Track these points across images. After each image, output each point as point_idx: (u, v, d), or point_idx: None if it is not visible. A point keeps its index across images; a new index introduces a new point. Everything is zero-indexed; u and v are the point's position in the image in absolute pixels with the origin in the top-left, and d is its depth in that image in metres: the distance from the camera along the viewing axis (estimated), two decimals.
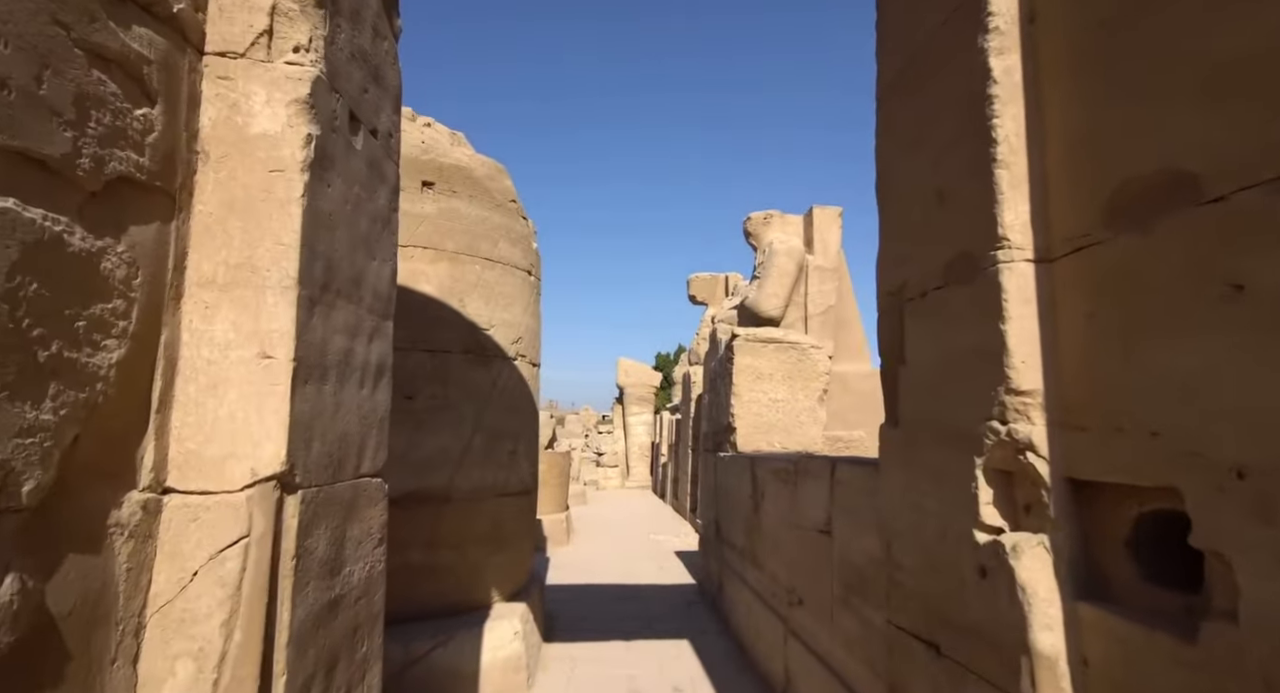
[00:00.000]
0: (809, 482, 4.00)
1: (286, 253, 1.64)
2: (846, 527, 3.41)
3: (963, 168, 1.87)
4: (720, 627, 5.97)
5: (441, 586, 4.68)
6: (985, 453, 1.77)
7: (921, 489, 2.07)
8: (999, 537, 1.74)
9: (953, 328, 1.92)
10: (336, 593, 1.87)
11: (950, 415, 1.92)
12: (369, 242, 2.08)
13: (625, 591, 7.14)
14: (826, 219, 8.43)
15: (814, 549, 3.89)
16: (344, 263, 1.90)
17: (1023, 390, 1.67)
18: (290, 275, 1.63)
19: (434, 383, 4.77)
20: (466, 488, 4.84)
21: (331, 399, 1.83)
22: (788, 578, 4.40)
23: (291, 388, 1.62)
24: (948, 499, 1.93)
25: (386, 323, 2.23)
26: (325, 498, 1.79)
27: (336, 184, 1.85)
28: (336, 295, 1.85)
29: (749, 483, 5.43)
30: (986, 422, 1.75)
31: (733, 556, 6.04)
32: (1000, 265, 1.71)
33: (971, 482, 1.81)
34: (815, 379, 6.13)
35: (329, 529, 1.82)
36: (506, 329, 5.20)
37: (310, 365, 1.71)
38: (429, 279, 4.83)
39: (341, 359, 1.89)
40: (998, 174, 1.72)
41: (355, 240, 1.98)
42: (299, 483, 1.66)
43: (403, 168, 5.00)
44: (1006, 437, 1.70)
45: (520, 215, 5.51)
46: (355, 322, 1.98)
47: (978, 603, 1.78)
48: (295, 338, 1.63)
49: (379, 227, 2.17)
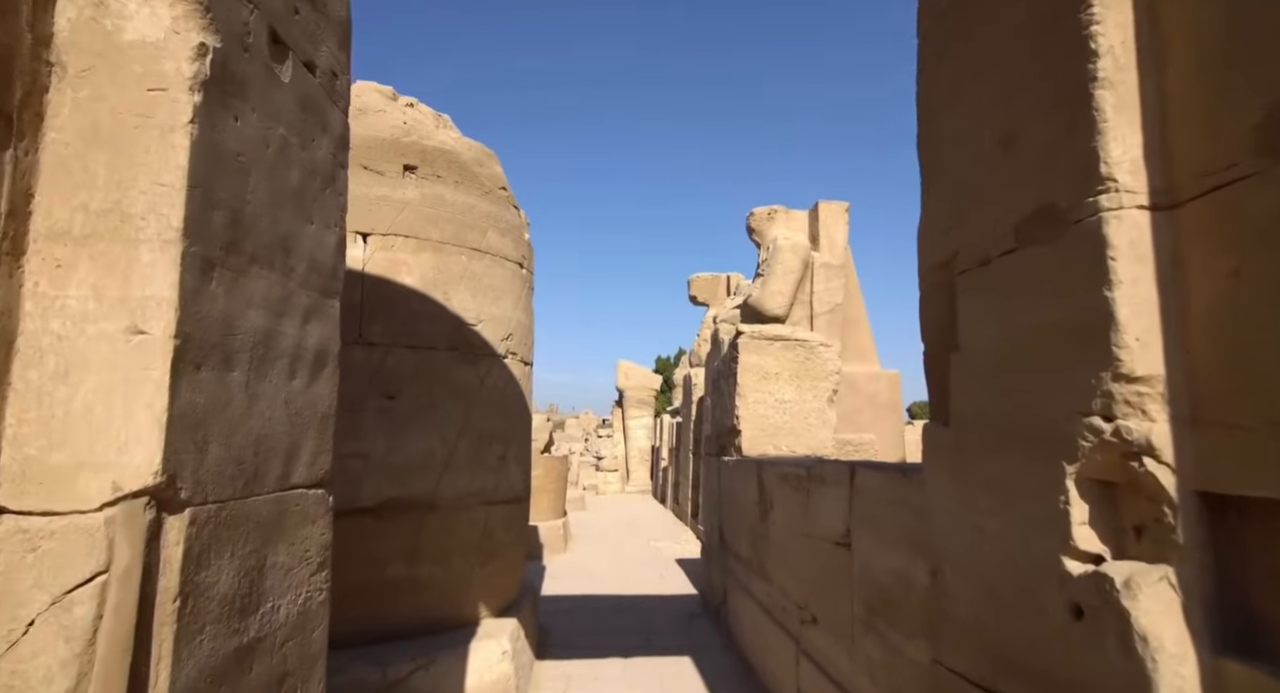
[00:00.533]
0: (824, 489, 3.58)
1: (169, 196, 1.22)
2: (869, 540, 2.99)
3: (1042, 99, 1.46)
4: (724, 642, 5.54)
5: (424, 601, 4.25)
6: (1079, 459, 1.35)
7: (982, 503, 1.65)
8: (1100, 567, 1.32)
9: (1028, 301, 1.50)
10: (251, 637, 1.45)
11: (1025, 412, 1.50)
12: (303, 200, 1.67)
13: (624, 602, 6.70)
14: (833, 214, 8.03)
15: (830, 563, 3.47)
16: (262, 221, 1.48)
17: (1136, 377, 1.25)
18: (173, 226, 1.22)
19: (417, 382, 4.35)
20: (452, 495, 4.41)
21: (241, 391, 1.41)
22: (799, 593, 3.97)
23: (173, 374, 1.20)
24: (1021, 517, 1.51)
25: (330, 302, 1.82)
26: (231, 517, 1.38)
27: (250, 119, 1.44)
28: (251, 261, 1.44)
29: (755, 489, 5.00)
30: (1082, 418, 1.34)
31: (738, 566, 5.61)
32: (1103, 215, 1.29)
33: (1059, 495, 1.39)
34: (824, 379, 5.71)
35: (237, 557, 1.40)
36: (496, 325, 4.78)
37: (206, 346, 1.29)
38: (411, 270, 4.41)
39: (259, 341, 1.48)
40: (1099, 97, 1.31)
41: (281, 195, 1.57)
42: (186, 499, 1.25)
43: (383, 150, 4.60)
44: (1112, 437, 1.28)
45: (511, 204, 5.10)
46: (281, 296, 1.56)
47: (1071, 653, 1.36)
48: (180, 308, 1.21)
49: (318, 184, 1.76)
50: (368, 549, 4.11)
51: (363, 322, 4.24)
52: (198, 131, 1.26)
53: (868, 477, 3.05)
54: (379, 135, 4.41)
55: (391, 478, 4.20)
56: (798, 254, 7.71)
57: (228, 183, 1.36)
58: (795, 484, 4.05)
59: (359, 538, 4.10)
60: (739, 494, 5.59)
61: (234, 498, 1.39)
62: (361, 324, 4.23)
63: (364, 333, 4.23)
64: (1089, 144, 1.32)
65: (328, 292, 1.80)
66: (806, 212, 8.26)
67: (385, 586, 4.14)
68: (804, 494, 3.88)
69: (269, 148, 1.51)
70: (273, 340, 1.53)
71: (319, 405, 1.75)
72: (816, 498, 3.69)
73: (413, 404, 4.31)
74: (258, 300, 1.47)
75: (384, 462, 4.19)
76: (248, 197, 1.43)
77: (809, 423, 5.68)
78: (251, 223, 1.44)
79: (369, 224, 4.34)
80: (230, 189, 1.37)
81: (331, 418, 1.83)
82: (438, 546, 4.33)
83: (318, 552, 1.76)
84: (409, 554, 4.23)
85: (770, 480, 4.64)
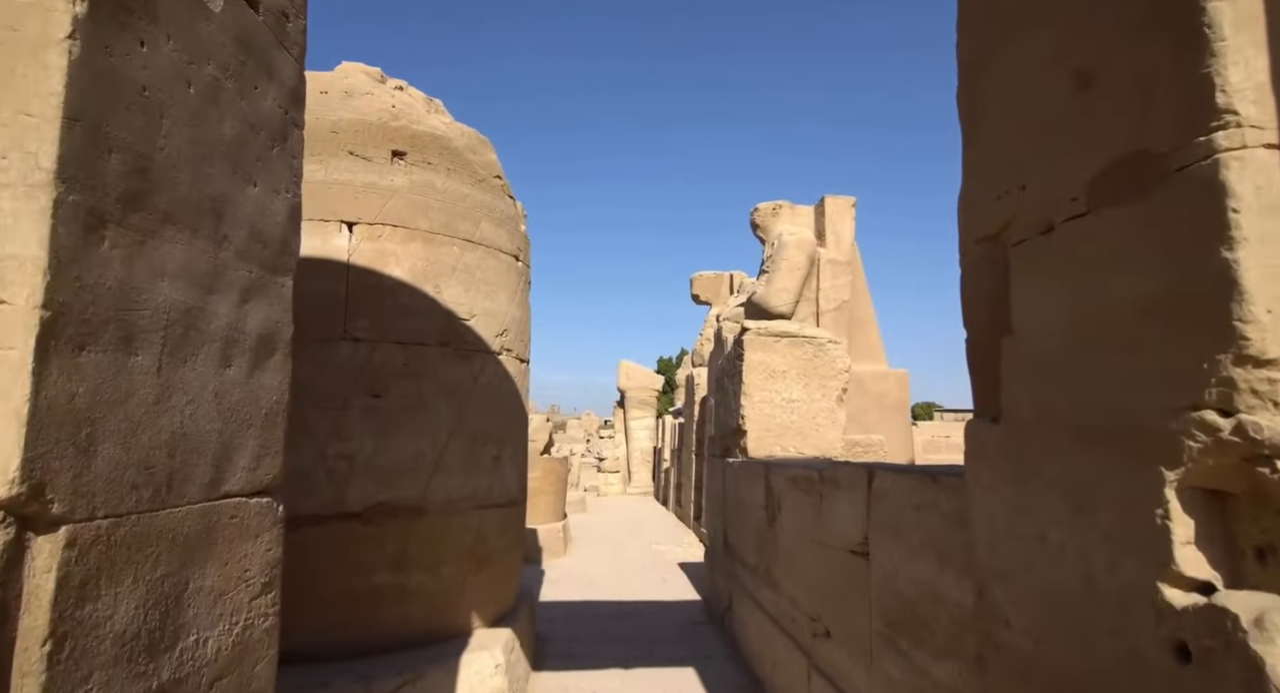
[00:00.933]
0: (838, 493, 3.30)
1: (38, 130, 0.95)
2: (890, 550, 2.72)
3: (1129, 23, 1.19)
4: (729, 652, 5.25)
5: (412, 611, 3.97)
6: (1184, 463, 1.07)
7: (1046, 513, 1.37)
8: (1213, 598, 1.04)
9: (1108, 271, 1.23)
10: (166, 679, 1.18)
11: (1104, 405, 1.23)
12: (241, 157, 1.40)
13: (625, 608, 6.41)
14: (839, 209, 7.76)
15: (845, 573, 3.19)
16: (182, 174, 1.21)
17: (1268, 360, 0.97)
18: (43, 168, 0.95)
19: (405, 379, 4.08)
20: (443, 499, 4.13)
21: (149, 380, 1.14)
22: (811, 604, 3.69)
23: (40, 355, 0.93)
24: (1100, 531, 1.23)
25: (279, 280, 1.55)
26: (132, 536, 1.10)
27: (164, 49, 1.17)
28: (164, 221, 1.17)
29: (762, 492, 4.72)
30: (1189, 413, 1.06)
31: (743, 572, 5.33)
32: (1220, 157, 1.02)
33: (1154, 508, 1.12)
34: (833, 377, 5.42)
35: (143, 584, 1.13)
36: (489, 320, 4.50)
37: (94, 322, 1.02)
38: (400, 261, 4.14)
39: (176, 320, 1.20)
40: (1213, 10, 1.03)
41: (210, 147, 1.30)
42: (62, 515, 0.97)
43: (370, 135, 4.33)
44: (1232, 435, 1.01)
45: (506, 193, 4.83)
46: (209, 268, 1.29)
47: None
48: (51, 272, 0.94)
49: (263, 141, 1.49)
50: (353, 556, 3.84)
51: (348, 316, 3.97)
52: (81, 51, 0.99)
53: (888, 480, 2.77)
54: (366, 119, 4.14)
55: (379, 481, 3.92)
56: (803, 250, 7.44)
57: (129, 122, 1.09)
58: (806, 488, 3.77)
59: (343, 544, 3.83)
60: (744, 497, 5.31)
61: (138, 511, 1.11)
62: (347, 318, 3.97)
63: (349, 328, 3.96)
64: (1199, 70, 1.04)
65: (277, 268, 1.53)
66: (812, 207, 7.99)
67: (371, 594, 3.86)
68: (816, 498, 3.60)
69: (192, 88, 1.24)
70: (197, 320, 1.26)
71: (263, 399, 1.48)
72: (830, 503, 3.41)
73: (401, 403, 4.04)
74: (175, 270, 1.19)
75: (371, 464, 3.92)
76: (160, 142, 1.15)
77: (817, 423, 5.40)
78: (165, 175, 1.17)
79: (355, 213, 4.07)
80: (133, 130, 1.09)
81: (282, 415, 1.56)
82: (427, 552, 4.05)
83: (262, 571, 1.48)
84: (396, 561, 3.95)
85: (778, 483, 4.36)
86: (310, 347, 3.93)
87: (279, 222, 1.53)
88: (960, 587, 2.22)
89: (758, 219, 8.12)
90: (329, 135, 4.08)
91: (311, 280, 3.98)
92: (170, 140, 1.18)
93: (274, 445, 1.52)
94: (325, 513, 3.80)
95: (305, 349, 4.01)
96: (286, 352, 1.56)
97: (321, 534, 3.78)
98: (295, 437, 3.90)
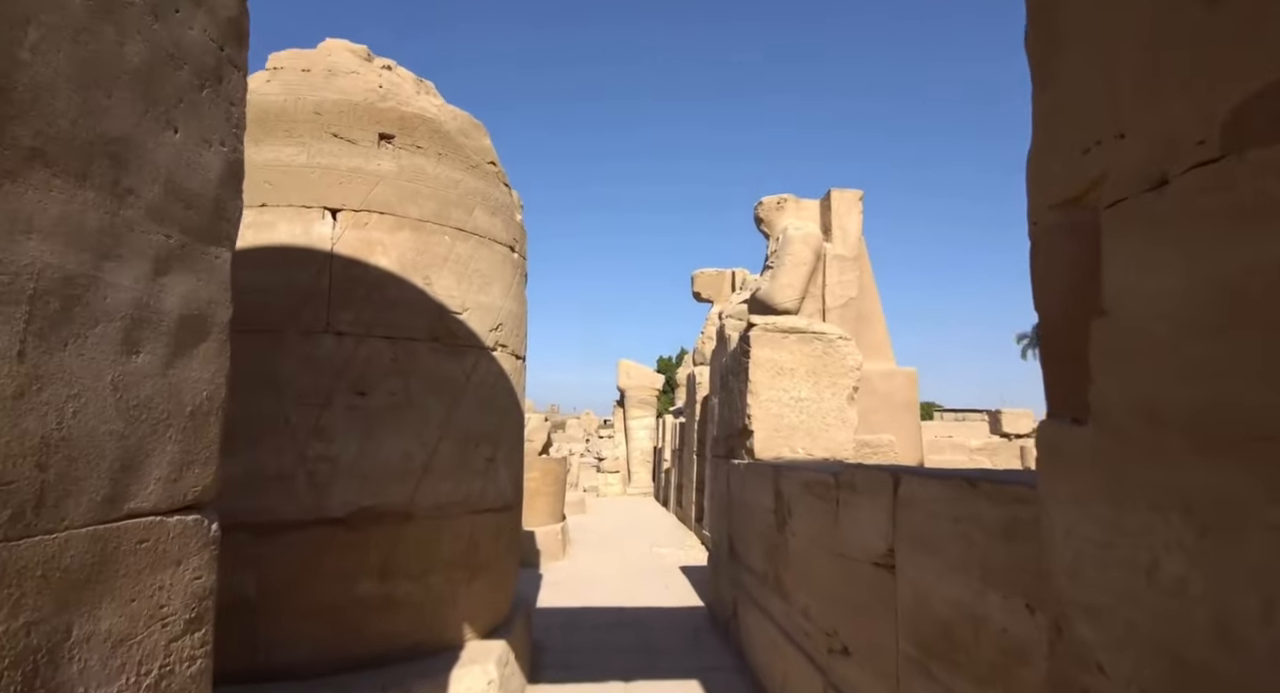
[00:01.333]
0: (858, 499, 3.02)
1: None
2: (921, 564, 2.43)
3: None
4: (735, 662, 4.97)
5: (398, 623, 3.69)
6: None
7: (1154, 538, 1.09)
8: None
9: (1248, 231, 0.95)
10: None
11: (1243, 402, 0.95)
12: (153, 92, 1.12)
13: (625, 615, 6.12)
14: (846, 203, 7.47)
15: (866, 587, 2.90)
16: (62, 103, 0.93)
17: None
18: None
19: (393, 376, 3.79)
20: (432, 503, 3.85)
21: (6, 368, 0.86)
22: (826, 618, 3.41)
23: None
24: (1243, 565, 0.95)
25: (212, 250, 1.26)
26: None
27: None
28: (29, 160, 0.88)
29: (771, 496, 4.44)
30: None
31: (750, 580, 5.04)
32: None
33: None
34: (844, 375, 5.13)
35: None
36: (483, 313, 4.22)
37: None
38: (387, 251, 3.85)
39: (51, 290, 0.92)
40: None
41: (102, 73, 1.01)
42: None
43: (355, 116, 4.03)
44: None
45: (501, 181, 4.54)
46: (106, 227, 1.01)
47: None
48: None
49: (188, 78, 1.21)
50: (335, 565, 3.55)
51: (331, 308, 3.68)
52: None
53: (918, 487, 2.49)
54: (351, 99, 3.86)
55: (363, 484, 3.64)
56: (809, 245, 7.15)
57: None
58: (821, 493, 3.48)
59: (325, 552, 3.54)
60: (751, 501, 5.03)
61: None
62: (330, 311, 3.68)
63: (332, 321, 3.68)
64: None
65: (208, 235, 1.24)
66: (818, 201, 7.70)
67: (354, 605, 3.58)
68: (832, 504, 3.31)
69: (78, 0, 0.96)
70: (85, 293, 0.97)
71: (187, 395, 1.19)
72: (849, 509, 3.12)
73: (388, 401, 3.75)
74: (48, 226, 0.91)
75: (355, 466, 3.63)
76: (23, 55, 0.87)
77: (827, 423, 5.11)
78: (34, 101, 0.88)
79: (339, 199, 3.78)
80: None
81: (215, 414, 1.27)
82: (415, 560, 3.76)
83: (186, 605, 1.19)
84: (382, 570, 3.67)
85: (789, 487, 4.07)
86: (290, 341, 3.64)
87: (210, 179, 1.24)
88: (1009, 611, 1.93)
89: (762, 213, 7.84)
90: (311, 116, 3.79)
91: (292, 271, 3.70)
92: (41, 57, 0.90)
93: (203, 451, 1.23)
94: (305, 519, 3.51)
95: (285, 344, 3.73)
96: (223, 339, 1.27)
97: (301, 542, 3.50)
98: (273, 438, 3.65)
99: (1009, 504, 1.97)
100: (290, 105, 3.78)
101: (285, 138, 3.77)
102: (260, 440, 3.51)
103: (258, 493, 3.47)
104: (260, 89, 3.86)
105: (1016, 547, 1.92)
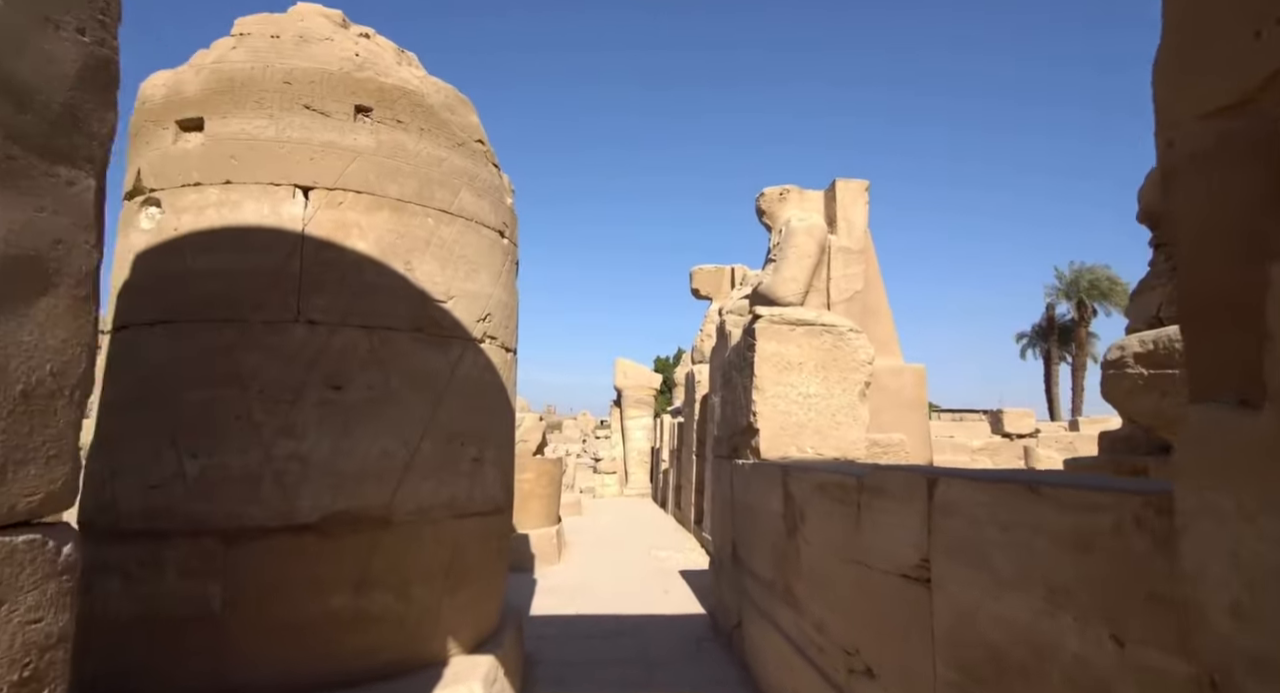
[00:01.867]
0: (885, 504, 2.68)
1: None
2: (965, 579, 2.09)
3: None
4: (740, 676, 4.62)
5: (376, 639, 3.33)
6: None
7: None
8: None
9: None
10: None
11: None
12: None
13: (624, 623, 5.77)
14: (851, 194, 7.13)
15: (894, 602, 2.56)
16: None
17: None
18: None
19: (371, 369, 3.44)
20: (413, 507, 3.50)
21: None
22: (845, 634, 3.07)
23: None
24: None
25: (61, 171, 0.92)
26: None
27: None
28: None
29: (780, 499, 4.09)
30: None
31: (755, 587, 4.69)
32: None
33: None
34: (855, 370, 4.80)
35: None
36: (470, 302, 3.87)
37: None
38: (364, 234, 3.51)
39: None
40: None
41: None
42: None
43: (331, 87, 3.68)
44: None
45: (490, 161, 4.20)
46: None
47: None
48: None
49: None
50: (305, 575, 3.20)
51: (302, 294, 3.33)
52: None
53: (960, 490, 2.15)
54: (325, 68, 3.51)
55: (337, 487, 3.29)
56: (813, 237, 6.82)
57: None
58: (839, 496, 3.14)
59: (294, 561, 3.19)
60: (757, 503, 4.69)
61: None
62: (300, 298, 3.33)
63: (303, 308, 3.33)
64: None
65: (51, 150, 0.90)
66: (822, 192, 7.37)
67: (327, 620, 3.22)
68: (852, 509, 2.97)
69: None
70: None
71: (16, 369, 0.85)
72: (872, 514, 2.78)
73: (365, 396, 3.40)
74: None
75: (328, 466, 3.28)
76: None
77: (837, 421, 4.77)
78: None
79: (311, 176, 3.43)
80: None
81: (67, 397, 0.93)
82: (395, 569, 3.41)
83: (21, 655, 0.85)
84: (358, 581, 3.31)
85: (801, 490, 3.73)
86: (255, 330, 3.29)
87: (61, 76, 0.90)
88: (1088, 640, 1.60)
89: (764, 205, 7.50)
90: (280, 86, 3.44)
91: (258, 254, 3.34)
92: None
93: (46, 447, 0.88)
94: (272, 525, 3.16)
95: (250, 334, 3.39)
96: (80, 295, 0.93)
97: (267, 550, 3.14)
98: (238, 436, 3.30)
99: (1081, 512, 1.64)
100: (258, 74, 3.43)
101: (254, 109, 3.42)
102: (224, 439, 3.16)
103: (222, 497, 3.12)
104: (225, 56, 3.51)
105: (1092, 561, 1.59)
